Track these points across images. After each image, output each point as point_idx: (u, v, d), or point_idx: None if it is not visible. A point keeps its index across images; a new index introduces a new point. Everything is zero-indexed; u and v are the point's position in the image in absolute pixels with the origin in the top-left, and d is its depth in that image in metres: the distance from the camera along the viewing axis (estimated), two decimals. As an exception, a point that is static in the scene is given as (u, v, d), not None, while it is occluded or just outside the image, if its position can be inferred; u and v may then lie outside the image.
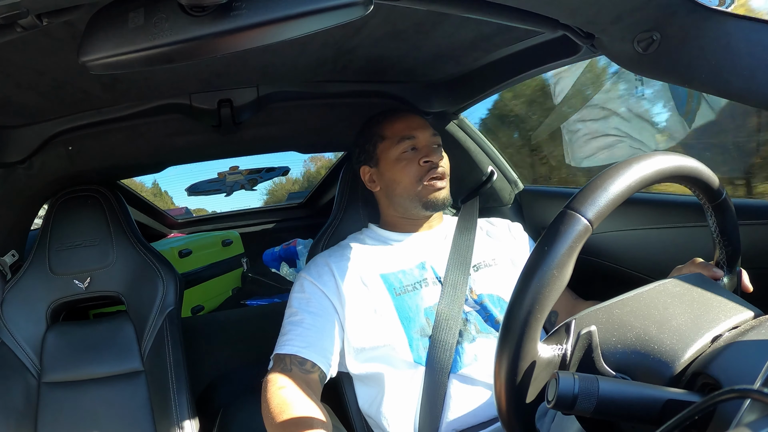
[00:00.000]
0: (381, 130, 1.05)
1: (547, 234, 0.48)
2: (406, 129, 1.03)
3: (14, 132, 1.09)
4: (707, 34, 0.62)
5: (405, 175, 1.01)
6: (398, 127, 1.04)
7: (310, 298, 0.97)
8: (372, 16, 0.79)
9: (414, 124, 1.04)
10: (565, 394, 0.44)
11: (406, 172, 1.01)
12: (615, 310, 0.53)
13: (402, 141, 1.02)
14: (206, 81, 1.04)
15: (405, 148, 1.01)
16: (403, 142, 1.02)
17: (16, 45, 0.72)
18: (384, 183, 1.05)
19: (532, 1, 0.62)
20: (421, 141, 1.02)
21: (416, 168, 1.00)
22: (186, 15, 0.48)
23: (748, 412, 0.35)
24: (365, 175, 1.08)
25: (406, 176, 1.00)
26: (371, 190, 1.09)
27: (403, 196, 1.02)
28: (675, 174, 0.53)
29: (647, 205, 1.02)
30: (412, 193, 1.01)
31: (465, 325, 0.93)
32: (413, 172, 1.00)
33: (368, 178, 1.08)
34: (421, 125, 1.04)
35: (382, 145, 1.04)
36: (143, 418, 1.15)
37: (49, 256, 1.24)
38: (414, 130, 1.02)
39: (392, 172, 1.02)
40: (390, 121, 1.05)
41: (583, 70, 1.81)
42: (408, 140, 1.01)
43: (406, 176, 1.01)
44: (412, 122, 1.04)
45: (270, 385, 0.85)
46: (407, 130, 1.02)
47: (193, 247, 2.08)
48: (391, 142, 1.03)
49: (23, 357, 1.19)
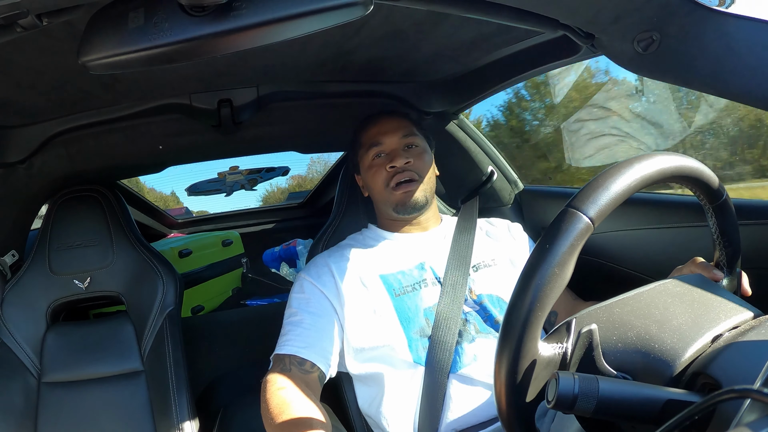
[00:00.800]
0: (359, 137, 1.09)
1: (549, 232, 0.48)
2: (375, 135, 1.05)
3: (14, 132, 1.09)
4: (707, 34, 0.62)
5: (375, 181, 1.04)
6: (369, 134, 1.06)
7: (310, 299, 0.97)
8: (372, 16, 0.79)
9: (383, 129, 1.05)
10: (565, 394, 0.44)
11: (375, 178, 1.03)
12: (615, 309, 0.53)
13: (371, 148, 1.04)
14: (206, 81, 1.04)
15: (374, 155, 1.04)
16: (371, 149, 1.04)
17: (16, 45, 0.72)
18: (368, 189, 1.09)
19: (532, 1, 0.62)
20: (388, 146, 1.03)
21: (384, 174, 1.02)
22: (186, 15, 0.48)
23: (748, 412, 0.35)
24: (359, 181, 1.14)
25: (376, 183, 1.03)
26: (364, 195, 1.13)
27: (378, 201, 1.06)
28: (676, 174, 0.53)
29: (647, 205, 1.02)
30: (384, 198, 1.03)
31: (464, 325, 0.93)
32: (381, 178, 1.02)
33: (361, 184, 1.13)
34: (390, 129, 1.04)
35: (360, 153, 1.08)
36: (143, 418, 1.15)
37: (49, 256, 1.24)
38: (382, 135, 1.04)
39: (367, 178, 1.07)
40: (364, 128, 1.08)
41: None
42: (375, 147, 1.04)
43: (376, 183, 1.04)
44: (381, 127, 1.06)
45: (269, 385, 0.86)
46: (375, 136, 1.05)
47: (193, 247, 2.08)
48: (365, 150, 1.06)
49: (23, 357, 1.19)
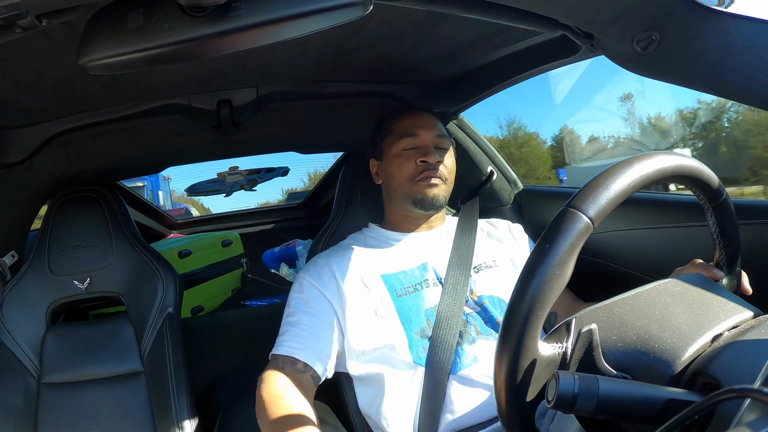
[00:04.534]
0: (390, 125, 1.06)
1: (549, 232, 0.48)
2: (411, 126, 1.03)
3: (14, 132, 1.09)
4: (706, 34, 0.62)
5: (400, 171, 1.01)
6: (405, 124, 1.04)
7: (309, 299, 0.97)
8: (371, 16, 0.79)
9: (420, 123, 1.03)
10: (565, 394, 0.44)
11: (402, 168, 1.01)
12: (615, 309, 0.53)
13: (404, 137, 1.02)
14: (206, 81, 1.04)
15: (406, 145, 1.02)
16: (404, 139, 1.02)
17: (16, 45, 0.72)
18: (384, 177, 1.07)
19: (531, 1, 0.63)
20: (423, 140, 1.02)
21: (412, 166, 1.00)
22: (185, 15, 0.48)
23: (748, 411, 0.35)
24: (373, 167, 1.10)
25: (401, 172, 1.01)
26: (376, 183, 1.11)
27: (396, 192, 1.03)
28: (676, 174, 0.53)
29: (647, 205, 1.02)
30: (405, 190, 1.01)
31: (465, 326, 0.93)
32: (408, 170, 1.00)
33: (375, 170, 1.10)
34: (427, 125, 1.03)
35: (388, 139, 1.05)
36: (143, 419, 1.15)
37: (49, 257, 1.23)
38: (419, 128, 1.02)
39: (391, 166, 1.03)
40: (399, 117, 1.06)
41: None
42: (410, 137, 1.02)
43: (401, 172, 1.01)
44: (419, 120, 1.04)
45: (262, 383, 0.86)
46: (412, 127, 1.03)
47: (193, 247, 2.08)
48: (395, 137, 1.03)
49: (23, 358, 1.18)
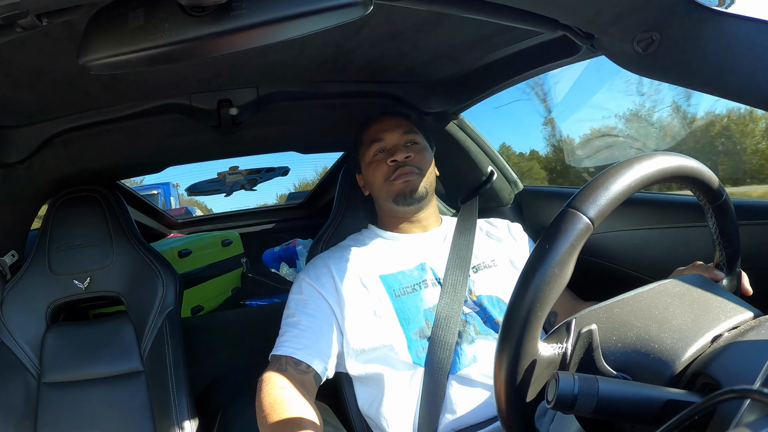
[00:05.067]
0: (360, 137, 1.11)
1: (549, 232, 0.48)
2: (377, 132, 1.07)
3: (14, 132, 1.09)
4: (707, 34, 0.62)
5: (375, 175, 1.05)
6: (371, 132, 1.08)
7: (308, 300, 0.97)
8: (372, 17, 0.79)
9: (384, 126, 1.07)
10: (565, 394, 0.44)
11: (376, 172, 1.05)
12: (615, 309, 0.53)
13: (372, 144, 1.06)
14: (206, 81, 1.04)
15: (375, 151, 1.06)
16: (373, 145, 1.06)
17: (16, 45, 0.72)
18: (368, 186, 1.11)
19: (532, 1, 0.62)
20: (389, 142, 1.05)
21: (384, 168, 1.04)
22: (186, 15, 0.48)
23: (748, 412, 0.35)
24: (359, 181, 1.15)
25: (377, 176, 1.05)
26: (365, 194, 1.15)
27: (379, 196, 1.07)
28: (676, 174, 0.53)
29: (647, 205, 1.02)
30: (384, 192, 1.05)
31: (464, 326, 0.93)
32: (382, 172, 1.04)
33: (361, 184, 1.14)
34: (391, 126, 1.07)
35: (361, 150, 1.10)
36: (143, 419, 1.15)
37: (49, 257, 1.23)
38: (383, 132, 1.06)
39: (368, 174, 1.08)
40: (366, 127, 1.11)
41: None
42: (377, 143, 1.06)
43: (376, 177, 1.05)
44: (383, 124, 1.08)
45: (263, 385, 0.86)
46: (377, 132, 1.07)
47: (193, 247, 2.08)
48: (366, 147, 1.08)
49: (23, 357, 1.18)
